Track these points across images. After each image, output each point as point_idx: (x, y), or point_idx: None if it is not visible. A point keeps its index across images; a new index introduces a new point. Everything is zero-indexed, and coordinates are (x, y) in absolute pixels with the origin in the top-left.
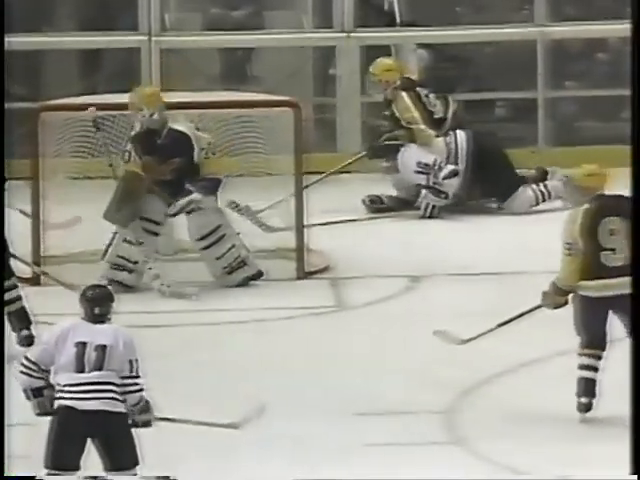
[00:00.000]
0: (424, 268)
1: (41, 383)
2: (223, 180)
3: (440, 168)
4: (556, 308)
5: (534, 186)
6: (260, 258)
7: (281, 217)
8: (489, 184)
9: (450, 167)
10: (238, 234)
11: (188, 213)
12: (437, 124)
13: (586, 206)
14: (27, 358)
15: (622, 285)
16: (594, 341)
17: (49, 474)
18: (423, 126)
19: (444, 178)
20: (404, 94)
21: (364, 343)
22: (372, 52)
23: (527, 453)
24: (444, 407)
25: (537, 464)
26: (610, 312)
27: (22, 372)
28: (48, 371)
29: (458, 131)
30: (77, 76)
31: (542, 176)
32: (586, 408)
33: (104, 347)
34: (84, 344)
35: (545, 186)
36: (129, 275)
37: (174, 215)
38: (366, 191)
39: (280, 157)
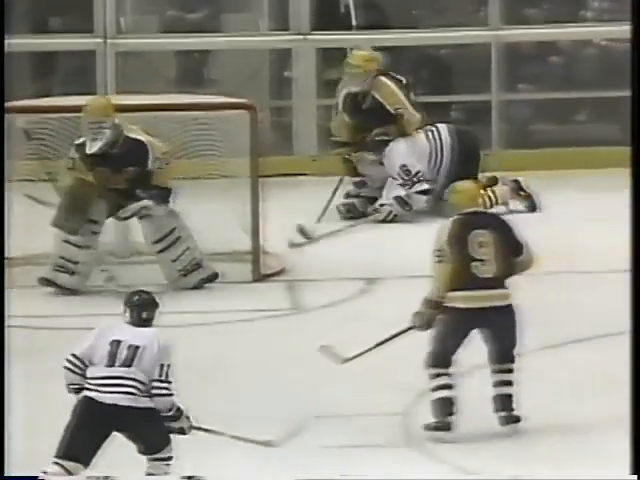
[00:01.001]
0: (380, 270)
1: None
2: (174, 190)
3: (418, 180)
4: (429, 328)
5: (482, 191)
6: (216, 261)
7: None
8: None
9: (425, 185)
10: (192, 237)
11: (141, 218)
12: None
13: (456, 217)
14: (73, 354)
15: (492, 297)
16: (440, 358)
17: (57, 463)
18: (412, 110)
19: (417, 193)
20: (386, 79)
21: (319, 344)
22: (327, 55)
23: (478, 453)
24: (402, 409)
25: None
26: (472, 329)
27: (66, 367)
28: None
29: (440, 125)
30: (31, 79)
31: (492, 182)
32: (446, 427)
33: (137, 347)
34: (118, 342)
35: (493, 192)
36: (70, 277)
37: (125, 219)
38: (324, 195)
39: (236, 160)
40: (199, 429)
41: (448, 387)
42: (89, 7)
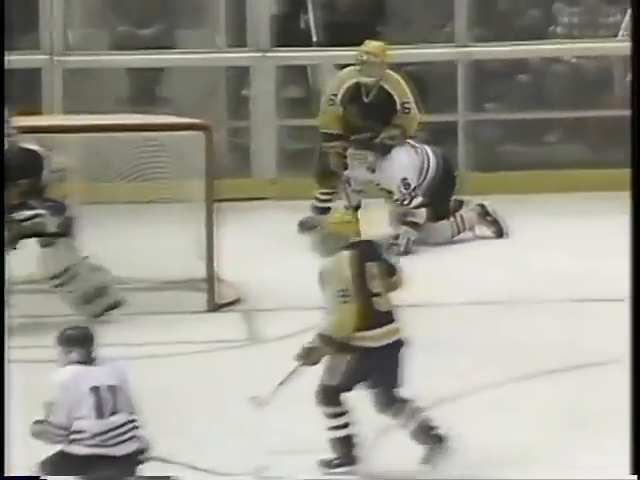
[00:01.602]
0: None
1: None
2: (68, 205)
3: (416, 195)
4: (314, 364)
5: (451, 217)
6: (169, 289)
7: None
8: (440, 208)
9: (420, 198)
10: (95, 268)
11: (43, 246)
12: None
13: (350, 251)
14: (51, 424)
15: (394, 332)
16: (336, 396)
17: None
18: (415, 107)
19: (415, 207)
20: (395, 73)
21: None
22: (288, 73)
23: None
24: (363, 442)
25: None
26: (376, 366)
27: (50, 440)
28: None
29: (425, 146)
30: None
31: (458, 206)
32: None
33: (114, 387)
34: (97, 388)
35: (461, 217)
36: None
37: (21, 222)
38: (284, 219)
39: (191, 182)
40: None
41: (348, 425)
42: (35, 21)
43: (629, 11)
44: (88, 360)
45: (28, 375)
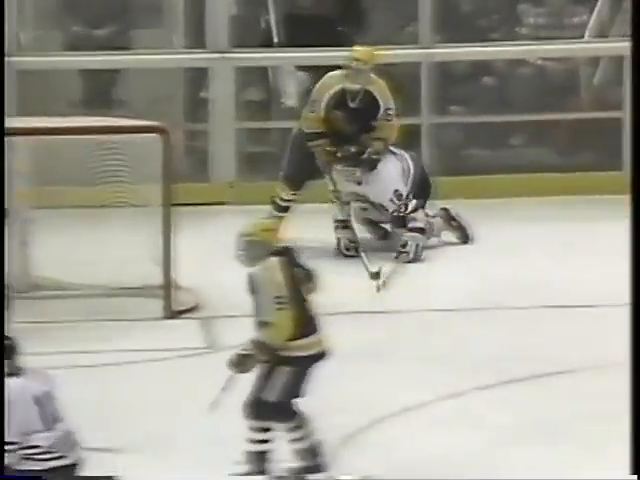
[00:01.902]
0: None
1: None
2: None
3: (408, 202)
4: (247, 372)
5: None
6: (125, 295)
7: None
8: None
9: (414, 201)
10: None
11: None
12: None
13: (279, 258)
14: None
15: (322, 341)
16: (283, 409)
17: None
18: (396, 118)
19: (411, 212)
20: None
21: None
22: (247, 74)
23: None
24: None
25: None
26: (309, 377)
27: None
28: None
29: (402, 151)
30: None
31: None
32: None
33: (49, 394)
34: (37, 397)
35: (430, 223)
36: None
37: None
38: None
39: (147, 187)
40: None
41: (270, 440)
42: None
43: (596, 10)
44: (16, 371)
45: None
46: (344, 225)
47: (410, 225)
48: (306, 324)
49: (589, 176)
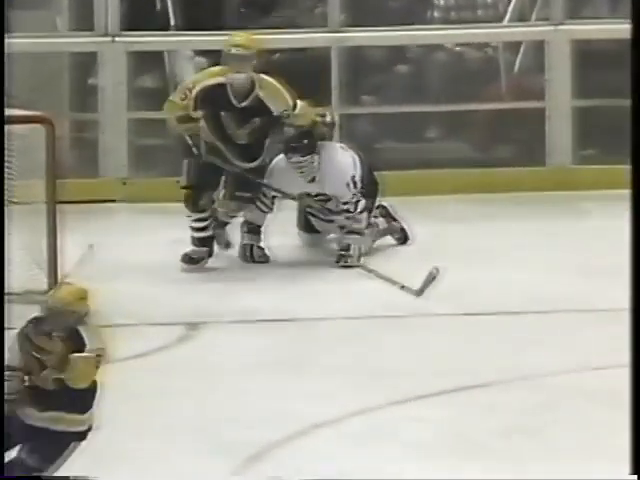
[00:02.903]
0: (204, 314)
1: None
2: None
3: (359, 199)
4: None
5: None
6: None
7: None
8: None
9: (364, 201)
10: None
11: None
12: None
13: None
14: None
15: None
16: None
17: None
18: (304, 106)
19: (360, 212)
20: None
21: (134, 401)
22: (141, 59)
23: None
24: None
25: None
26: None
27: None
28: None
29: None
30: None
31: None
32: None
33: None
34: None
35: (375, 222)
36: None
37: None
38: (136, 223)
39: (29, 183)
40: None
41: None
42: None
43: None
44: None
45: None
46: (257, 230)
47: (355, 226)
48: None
49: (510, 172)
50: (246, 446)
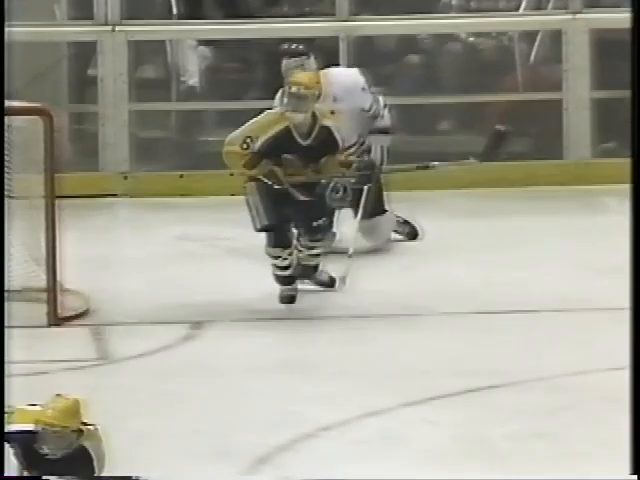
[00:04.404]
0: (209, 312)
1: None
2: None
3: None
4: None
5: None
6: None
7: None
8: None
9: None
10: None
11: None
12: None
13: None
14: None
15: None
16: None
17: None
18: None
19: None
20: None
21: (136, 402)
22: (142, 49)
23: None
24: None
25: None
26: None
27: None
28: None
29: None
30: None
31: None
32: None
33: None
34: None
35: None
36: None
37: None
38: (137, 219)
39: (28, 177)
40: None
41: None
42: None
43: None
44: None
45: None
46: None
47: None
48: None
49: (526, 166)
50: (252, 448)
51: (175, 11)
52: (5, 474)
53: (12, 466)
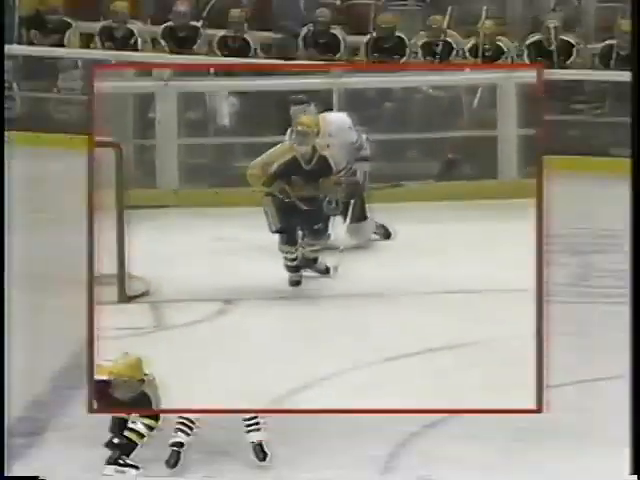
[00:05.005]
0: (238, 292)
1: None
2: None
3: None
4: None
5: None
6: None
7: None
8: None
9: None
10: None
11: None
12: None
13: None
14: None
15: None
16: None
17: None
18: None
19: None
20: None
21: (183, 359)
22: (187, 98)
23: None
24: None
25: None
26: None
27: None
28: None
29: None
30: None
31: None
32: None
33: None
34: None
35: None
36: None
37: None
38: (185, 223)
39: (104, 192)
40: None
41: None
42: None
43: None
44: None
45: None
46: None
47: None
48: None
49: (471, 184)
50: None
51: (212, 70)
52: (5, 474)
53: (12, 466)
